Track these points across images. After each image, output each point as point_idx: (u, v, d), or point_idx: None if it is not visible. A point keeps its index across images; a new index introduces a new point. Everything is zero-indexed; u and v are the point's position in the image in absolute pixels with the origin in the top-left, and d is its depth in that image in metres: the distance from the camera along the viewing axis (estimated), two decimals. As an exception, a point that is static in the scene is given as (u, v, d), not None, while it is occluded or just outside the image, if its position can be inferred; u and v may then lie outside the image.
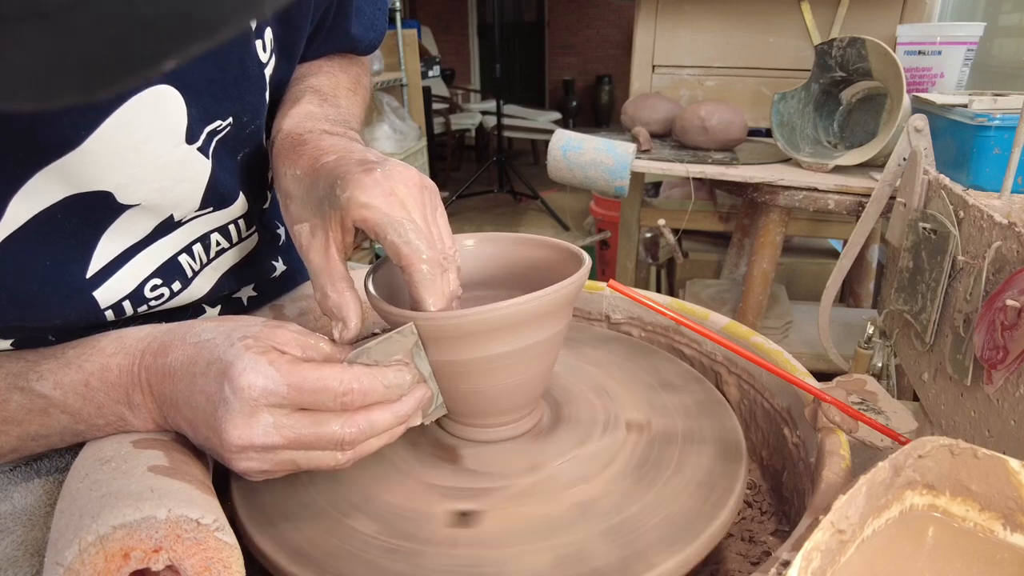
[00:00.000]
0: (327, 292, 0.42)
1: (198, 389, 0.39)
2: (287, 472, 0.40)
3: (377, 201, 0.40)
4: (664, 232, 1.47)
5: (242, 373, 0.36)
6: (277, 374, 0.37)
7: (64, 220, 0.41)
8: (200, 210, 0.49)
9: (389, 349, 0.40)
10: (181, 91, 0.43)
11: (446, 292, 0.42)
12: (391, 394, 0.39)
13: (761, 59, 1.64)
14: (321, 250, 0.43)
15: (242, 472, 0.39)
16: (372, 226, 0.40)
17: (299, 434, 0.37)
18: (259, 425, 0.37)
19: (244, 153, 0.52)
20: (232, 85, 0.47)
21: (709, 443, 0.48)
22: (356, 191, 0.40)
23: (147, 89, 0.41)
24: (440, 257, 0.41)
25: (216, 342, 0.39)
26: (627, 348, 0.62)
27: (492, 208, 4.10)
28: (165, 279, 0.49)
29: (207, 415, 0.38)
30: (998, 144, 0.88)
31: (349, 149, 0.46)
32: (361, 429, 0.38)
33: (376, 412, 0.39)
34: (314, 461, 0.39)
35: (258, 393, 0.36)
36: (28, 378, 0.41)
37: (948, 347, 0.66)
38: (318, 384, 0.37)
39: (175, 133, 0.44)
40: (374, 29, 0.66)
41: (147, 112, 0.41)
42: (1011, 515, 0.32)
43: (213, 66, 0.45)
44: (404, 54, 3.16)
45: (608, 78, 6.52)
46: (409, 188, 0.42)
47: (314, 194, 0.44)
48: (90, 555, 0.32)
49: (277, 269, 0.62)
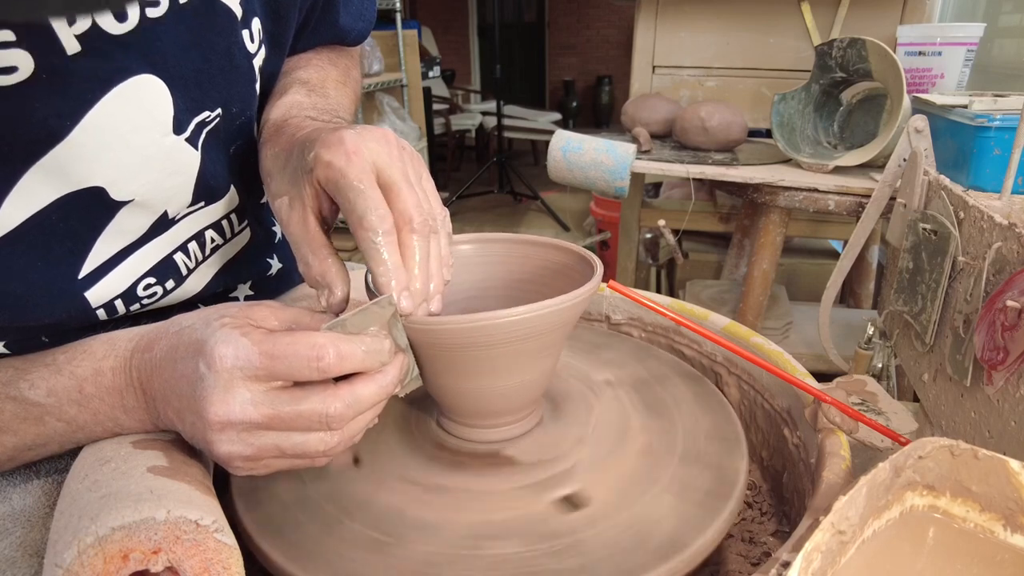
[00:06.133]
0: (309, 261, 0.41)
1: (179, 374, 0.38)
2: (272, 459, 0.38)
3: (339, 160, 0.38)
4: (664, 233, 1.47)
5: (215, 346, 0.35)
6: (249, 343, 0.35)
7: (59, 222, 0.41)
8: (192, 205, 0.49)
9: (366, 320, 0.38)
10: (166, 81, 0.43)
11: (398, 262, 0.39)
12: (370, 360, 0.37)
13: (761, 60, 1.64)
14: (300, 221, 0.41)
15: (225, 460, 0.37)
16: (331, 185, 0.39)
17: (278, 411, 0.36)
18: (236, 401, 0.35)
19: (236, 146, 0.52)
20: (219, 75, 0.47)
21: (672, 376, 0.56)
22: (320, 149, 0.39)
23: (130, 79, 0.41)
24: (411, 223, 0.39)
25: (195, 327, 0.38)
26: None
27: (492, 208, 4.10)
28: (159, 278, 0.48)
29: (189, 398, 0.37)
30: (998, 145, 0.88)
31: (329, 126, 0.45)
32: (347, 403, 0.36)
33: (360, 384, 0.37)
34: (300, 446, 0.37)
35: (230, 363, 0.35)
36: (19, 387, 0.40)
37: (948, 348, 0.66)
38: (290, 349, 0.35)
39: (162, 123, 0.43)
40: (363, 19, 0.66)
41: (132, 102, 0.41)
42: (1012, 516, 0.32)
43: (198, 56, 0.45)
44: (404, 55, 3.17)
45: (608, 78, 6.52)
46: (381, 145, 0.40)
47: (289, 165, 0.43)
48: (89, 556, 0.32)
49: (272, 267, 0.62)
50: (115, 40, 0.39)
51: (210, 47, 0.46)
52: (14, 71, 0.36)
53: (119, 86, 0.40)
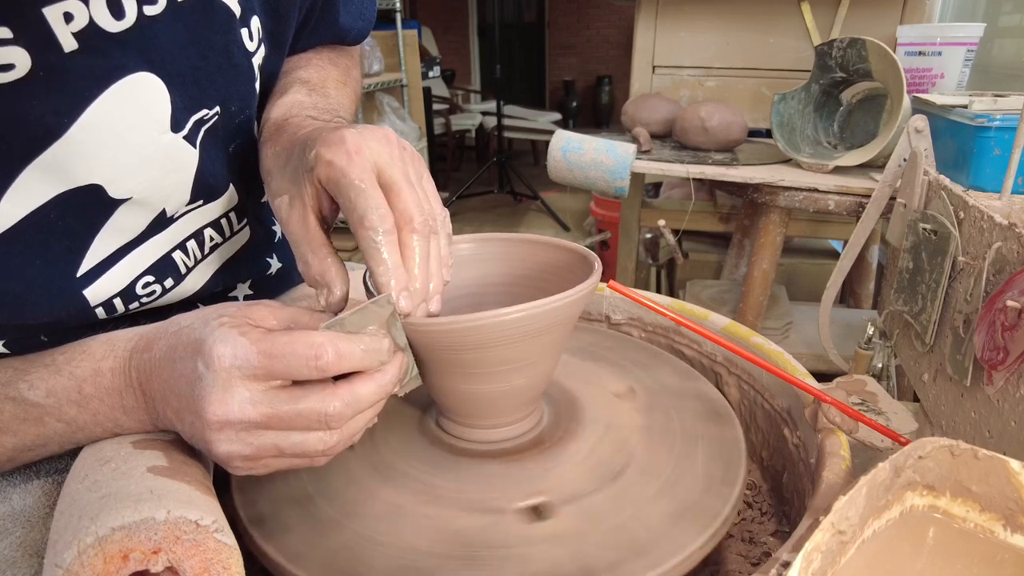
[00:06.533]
0: (308, 260, 0.41)
1: (178, 374, 0.37)
2: (271, 459, 0.38)
3: (339, 159, 0.38)
4: (664, 233, 1.47)
5: (213, 346, 0.35)
6: (247, 341, 0.35)
7: (57, 220, 0.41)
8: (191, 203, 0.49)
9: (364, 319, 0.38)
10: (163, 78, 0.43)
11: (397, 262, 0.39)
12: (369, 359, 0.37)
13: (761, 60, 1.64)
14: (299, 220, 0.41)
15: (224, 460, 0.37)
16: (331, 184, 0.39)
17: (276, 410, 0.35)
18: (234, 400, 0.35)
19: (236, 144, 0.52)
20: (217, 73, 0.47)
21: (690, 398, 0.53)
22: (321, 148, 0.39)
23: (128, 76, 0.41)
24: (412, 223, 0.39)
25: (194, 326, 0.38)
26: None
27: (492, 208, 4.10)
28: (158, 276, 0.48)
29: (188, 398, 0.37)
30: (998, 145, 0.88)
31: (330, 125, 0.45)
32: (346, 402, 0.36)
33: (359, 383, 0.37)
34: (299, 446, 0.37)
35: (228, 363, 0.35)
36: (19, 387, 0.40)
37: (948, 348, 0.66)
38: (288, 348, 0.35)
39: (159, 121, 0.44)
40: (363, 18, 0.66)
41: (129, 100, 0.41)
42: (1012, 516, 0.32)
43: (196, 54, 0.45)
44: (404, 55, 3.16)
45: (608, 78, 6.52)
46: (383, 145, 0.40)
47: (290, 164, 0.43)
48: (89, 557, 0.32)
49: (272, 267, 0.62)
50: (112, 38, 0.39)
51: (208, 45, 0.46)
52: (11, 68, 0.36)
53: (116, 84, 0.40)
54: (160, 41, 0.42)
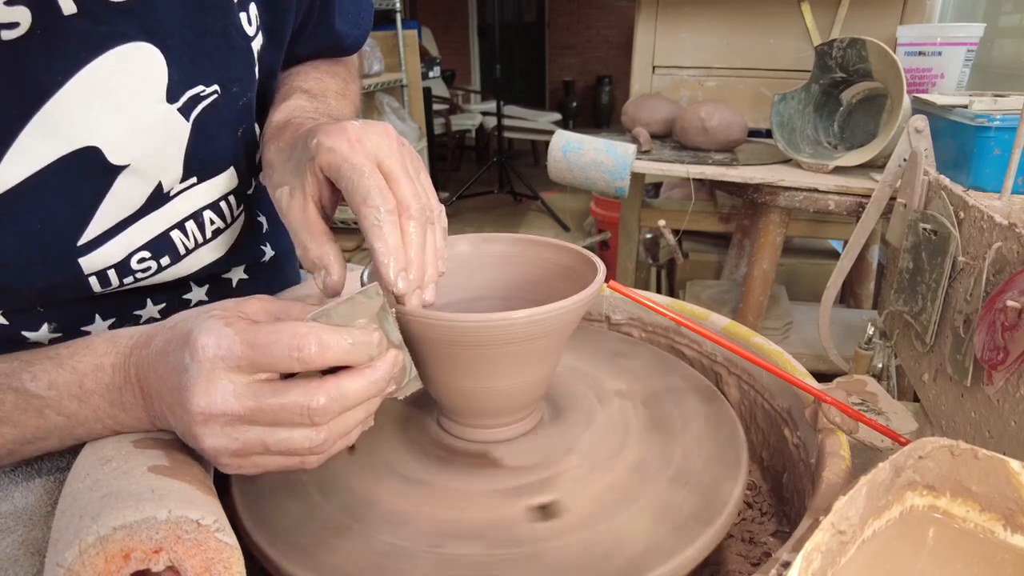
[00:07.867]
0: (307, 245, 0.42)
1: (170, 367, 0.37)
2: (259, 456, 0.37)
3: (341, 146, 0.40)
4: (664, 233, 1.47)
5: (198, 336, 0.35)
6: (232, 332, 0.35)
7: (58, 183, 0.42)
8: (184, 179, 0.50)
9: (353, 311, 0.37)
10: (162, 50, 0.45)
11: (398, 243, 0.40)
12: (357, 353, 0.36)
13: (761, 60, 1.64)
14: (300, 208, 0.43)
15: (212, 455, 0.37)
16: (333, 170, 0.40)
17: (259, 403, 0.35)
18: (218, 392, 0.35)
19: (243, 129, 0.54)
20: (216, 52, 0.49)
21: (688, 392, 0.54)
22: (323, 136, 0.41)
23: (126, 44, 0.42)
24: (409, 210, 0.40)
25: (187, 320, 0.38)
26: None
27: (492, 209, 4.10)
28: (154, 253, 0.50)
29: (176, 391, 0.36)
30: (998, 145, 0.88)
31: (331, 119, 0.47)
32: (331, 397, 0.35)
33: (346, 378, 0.36)
34: (284, 443, 0.36)
35: (212, 353, 0.35)
36: (22, 378, 0.41)
37: (948, 348, 0.66)
38: (271, 338, 0.35)
39: (156, 90, 0.45)
40: (358, 27, 0.69)
41: (128, 67, 0.43)
42: (1012, 516, 0.32)
43: (192, 31, 0.47)
44: (404, 55, 3.16)
45: (608, 79, 6.52)
46: (383, 138, 0.42)
47: (293, 157, 0.45)
48: (90, 556, 0.32)
49: (266, 253, 0.63)
50: (113, 7, 0.41)
51: (205, 27, 0.48)
52: (16, 27, 0.38)
53: (113, 50, 0.42)
54: (160, 14, 0.44)
